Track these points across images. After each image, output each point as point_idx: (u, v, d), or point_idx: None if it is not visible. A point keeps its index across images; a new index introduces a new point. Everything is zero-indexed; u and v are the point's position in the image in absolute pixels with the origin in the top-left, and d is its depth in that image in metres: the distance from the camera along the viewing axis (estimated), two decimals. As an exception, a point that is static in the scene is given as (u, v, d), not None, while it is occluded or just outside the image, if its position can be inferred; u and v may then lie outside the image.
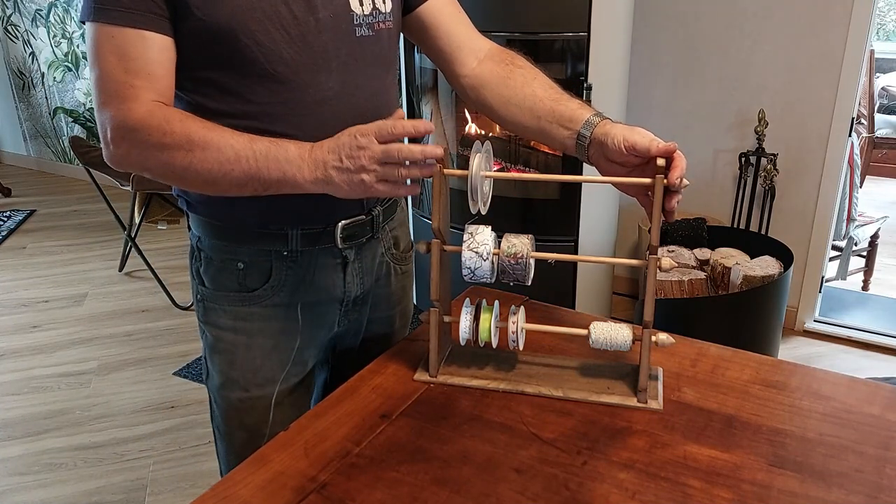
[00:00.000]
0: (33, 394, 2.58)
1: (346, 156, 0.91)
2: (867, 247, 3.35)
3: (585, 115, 1.04)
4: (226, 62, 0.96)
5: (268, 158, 0.92)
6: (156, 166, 0.95)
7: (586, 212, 2.47)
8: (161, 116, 0.92)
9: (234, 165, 0.92)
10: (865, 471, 0.86)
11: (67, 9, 4.40)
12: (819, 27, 2.56)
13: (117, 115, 0.92)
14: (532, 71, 1.12)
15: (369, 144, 0.91)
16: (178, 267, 3.49)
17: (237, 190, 0.95)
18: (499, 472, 0.87)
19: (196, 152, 0.92)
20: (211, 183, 0.94)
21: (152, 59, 0.93)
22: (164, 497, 2.08)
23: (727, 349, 1.12)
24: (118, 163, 0.96)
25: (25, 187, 4.73)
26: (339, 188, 0.92)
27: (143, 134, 0.92)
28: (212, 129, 0.93)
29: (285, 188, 0.94)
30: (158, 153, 0.92)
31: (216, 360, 1.13)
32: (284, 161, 0.92)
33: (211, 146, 0.92)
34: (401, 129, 0.91)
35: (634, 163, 1.00)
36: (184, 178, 0.95)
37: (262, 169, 0.92)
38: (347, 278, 1.13)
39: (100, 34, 0.92)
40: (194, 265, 1.13)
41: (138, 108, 0.92)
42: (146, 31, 0.91)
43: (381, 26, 1.05)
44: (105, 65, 0.92)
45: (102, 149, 0.96)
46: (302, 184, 0.93)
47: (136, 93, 0.92)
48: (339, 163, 0.91)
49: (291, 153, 0.92)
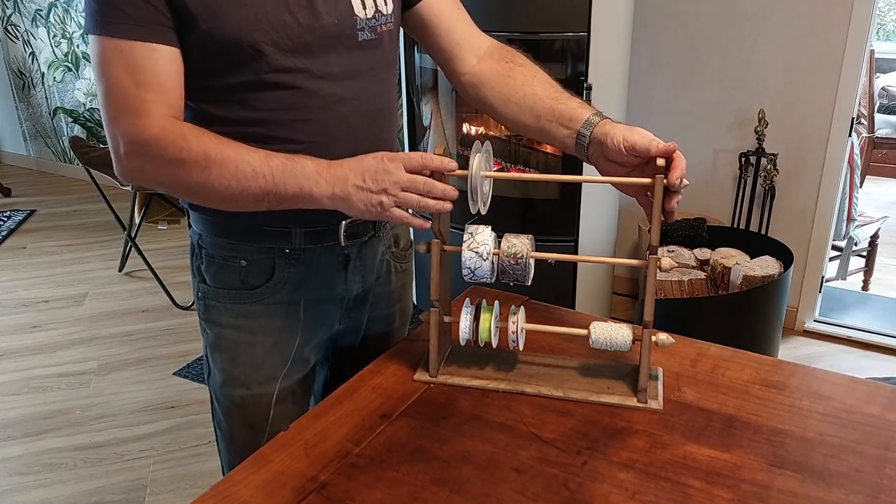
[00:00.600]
0: (33, 394, 2.58)
1: (370, 177, 0.92)
2: (867, 247, 3.35)
3: (585, 114, 1.04)
4: (231, 71, 0.96)
5: (285, 174, 0.92)
6: (171, 182, 0.95)
7: (586, 212, 2.47)
8: (177, 132, 0.92)
9: (251, 182, 0.92)
10: (865, 471, 0.86)
11: (67, 9, 4.40)
12: (819, 27, 2.56)
13: (131, 129, 0.92)
14: (532, 69, 1.12)
15: (396, 170, 0.92)
16: (178, 267, 3.49)
17: (253, 205, 0.95)
18: (499, 472, 0.87)
19: (213, 169, 0.92)
20: (227, 199, 0.94)
21: (162, 71, 0.92)
22: (164, 497, 2.08)
23: (727, 349, 1.12)
24: (131, 177, 0.96)
25: (25, 187, 4.72)
26: (355, 206, 0.93)
27: (158, 150, 0.92)
28: (227, 146, 0.93)
29: (300, 203, 0.94)
30: (174, 169, 0.93)
31: (217, 358, 1.13)
32: (302, 176, 0.93)
33: (228, 163, 0.92)
34: (431, 163, 0.93)
35: (634, 163, 1.00)
36: (199, 194, 0.96)
37: (279, 184, 0.93)
38: (349, 276, 1.13)
39: (107, 47, 0.91)
40: (195, 263, 1.13)
41: (152, 123, 0.91)
42: (155, 44, 0.91)
43: (383, 28, 1.05)
44: (114, 79, 0.91)
45: (114, 163, 0.95)
46: (319, 198, 0.93)
47: (149, 107, 0.91)
48: (361, 182, 0.92)
49: (309, 168, 0.93)
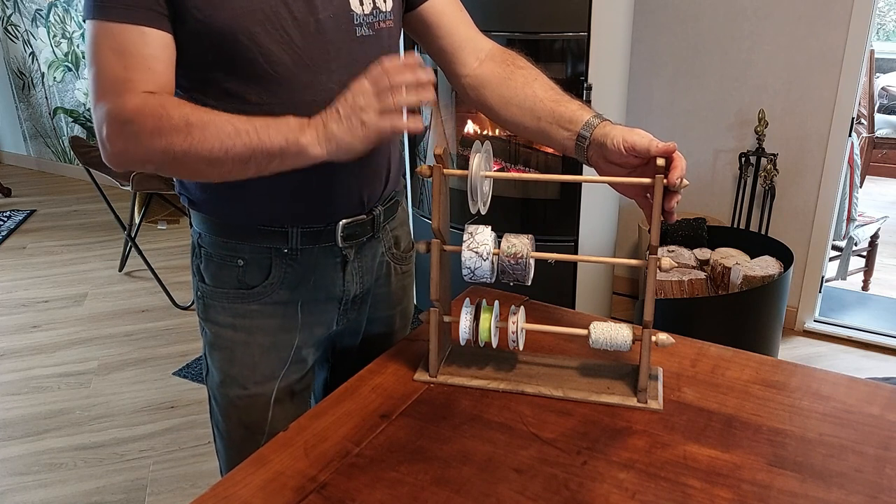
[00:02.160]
0: (33, 394, 2.58)
1: (345, 107, 0.89)
2: (867, 247, 3.35)
3: (585, 116, 1.04)
4: (226, 63, 0.96)
5: (269, 128, 0.90)
6: (155, 154, 0.91)
7: (586, 212, 2.47)
8: (156, 103, 0.90)
9: (234, 140, 0.89)
10: (865, 471, 0.86)
11: (67, 9, 4.40)
12: (819, 27, 2.56)
13: (112, 108, 0.91)
14: (533, 71, 1.12)
15: (363, 92, 0.89)
16: (178, 267, 3.49)
17: (240, 167, 0.91)
18: (499, 472, 0.87)
19: (195, 133, 0.89)
20: (213, 163, 0.91)
21: (151, 55, 0.92)
22: (164, 497, 2.08)
23: (727, 349, 1.12)
24: (117, 160, 0.94)
25: (25, 187, 4.73)
26: (343, 140, 0.89)
27: (138, 124, 0.90)
28: (208, 112, 0.91)
29: (289, 158, 0.91)
30: (157, 139, 0.90)
31: (215, 357, 1.14)
32: (286, 129, 0.90)
33: (210, 126, 0.89)
34: (395, 71, 0.88)
35: (634, 164, 1.00)
36: (184, 163, 0.92)
37: (263, 139, 0.89)
38: (347, 277, 1.13)
39: (99, 31, 0.91)
40: (195, 262, 1.13)
41: (133, 98, 0.90)
42: (146, 28, 0.91)
43: (382, 25, 1.05)
44: (103, 62, 0.91)
45: (100, 149, 0.94)
46: (306, 147, 0.90)
47: (134, 87, 0.91)
48: (338, 116, 0.89)
49: (292, 122, 0.90)
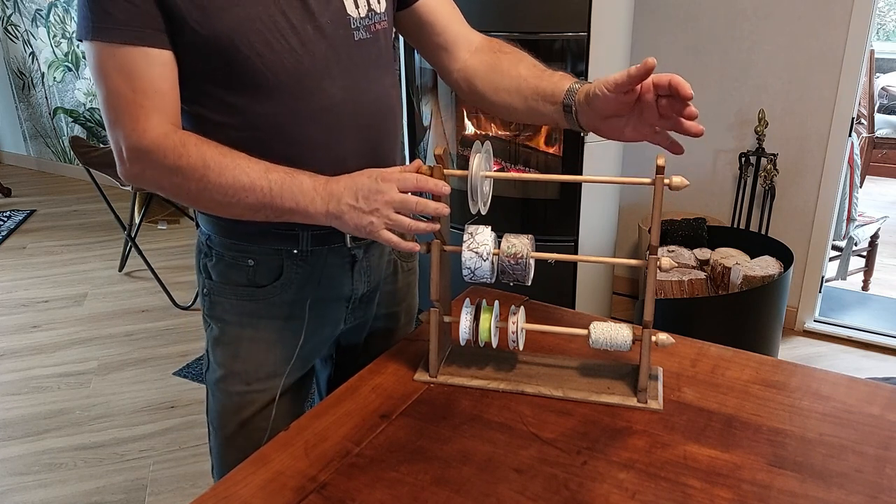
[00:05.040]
0: (33, 394, 2.58)
1: (363, 196, 0.92)
2: (867, 247, 3.35)
3: (566, 84, 1.02)
4: (226, 74, 0.96)
5: (282, 188, 0.93)
6: (170, 187, 0.96)
7: (586, 212, 2.47)
8: (177, 140, 0.93)
9: (248, 194, 0.93)
10: (865, 471, 0.86)
11: (67, 9, 4.40)
12: (819, 27, 2.56)
13: (131, 136, 0.93)
14: (518, 54, 1.12)
15: (388, 190, 0.92)
16: (178, 267, 3.49)
17: (250, 215, 0.96)
18: (499, 472, 0.87)
19: (211, 178, 0.93)
20: (224, 206, 0.96)
21: (157, 75, 0.93)
22: (164, 497, 2.08)
23: (727, 349, 1.12)
24: (132, 180, 0.97)
25: (25, 187, 4.72)
26: (347, 224, 0.94)
27: (158, 156, 0.93)
28: (226, 155, 0.94)
29: (296, 218, 0.96)
30: (173, 176, 0.94)
31: (219, 353, 1.14)
32: (299, 193, 0.94)
33: (226, 173, 0.93)
34: (425, 185, 0.93)
35: (626, 104, 0.94)
36: (197, 201, 0.97)
37: (275, 199, 0.94)
38: (355, 277, 1.14)
39: (101, 53, 0.91)
40: (202, 260, 1.13)
41: (152, 129, 0.92)
42: (147, 48, 0.91)
43: (378, 27, 1.05)
44: (111, 84, 0.92)
45: (117, 165, 0.97)
46: (313, 215, 0.95)
47: (147, 113, 0.92)
48: (353, 201, 0.93)
49: (306, 185, 0.94)
